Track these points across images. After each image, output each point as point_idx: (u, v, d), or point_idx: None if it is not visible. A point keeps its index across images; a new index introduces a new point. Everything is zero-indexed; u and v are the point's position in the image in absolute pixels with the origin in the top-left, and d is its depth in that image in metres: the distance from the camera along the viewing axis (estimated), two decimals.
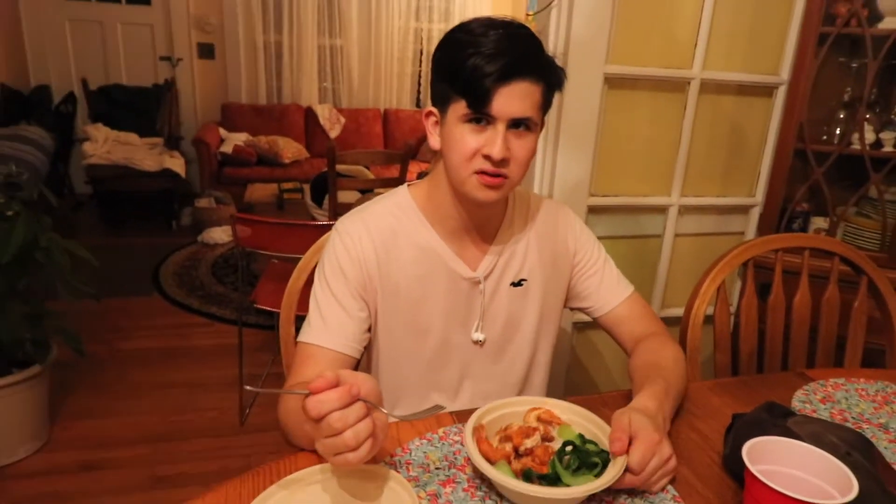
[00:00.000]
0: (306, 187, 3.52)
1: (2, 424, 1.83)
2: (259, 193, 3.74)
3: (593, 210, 1.78)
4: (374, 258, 0.97)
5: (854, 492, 0.58)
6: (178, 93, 4.95)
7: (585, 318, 1.15)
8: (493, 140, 0.86)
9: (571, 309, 1.16)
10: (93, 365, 2.48)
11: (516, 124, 0.87)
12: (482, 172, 0.88)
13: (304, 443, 0.79)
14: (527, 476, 0.71)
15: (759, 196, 1.92)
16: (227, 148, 4.56)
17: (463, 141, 0.88)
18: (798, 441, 0.67)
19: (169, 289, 3.30)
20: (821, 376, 1.08)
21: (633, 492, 0.74)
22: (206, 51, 5.09)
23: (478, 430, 0.76)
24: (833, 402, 0.99)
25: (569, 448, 0.73)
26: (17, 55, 4.60)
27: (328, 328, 0.94)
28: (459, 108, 0.87)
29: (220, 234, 4.11)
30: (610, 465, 0.71)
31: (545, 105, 0.91)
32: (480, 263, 1.02)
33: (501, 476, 0.68)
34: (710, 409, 0.96)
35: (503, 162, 0.87)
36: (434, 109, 0.94)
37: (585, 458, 0.72)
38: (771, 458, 0.65)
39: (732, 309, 1.45)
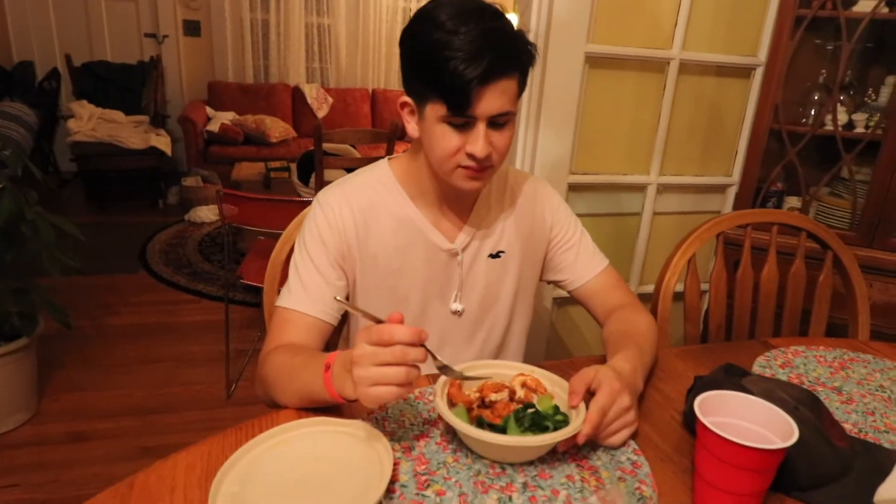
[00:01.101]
0: (293, 166, 3.52)
1: None
2: (246, 172, 3.73)
3: (574, 188, 1.81)
4: (353, 228, 1.00)
5: (794, 437, 0.63)
6: (164, 70, 4.91)
7: (565, 294, 1.19)
8: (476, 140, 0.87)
9: (547, 282, 1.20)
10: (80, 340, 2.50)
11: (496, 120, 0.88)
12: (467, 167, 0.90)
13: (292, 398, 0.82)
14: (479, 423, 0.75)
15: (736, 176, 1.97)
16: (213, 126, 4.54)
17: (445, 139, 0.88)
18: (747, 394, 0.71)
19: (156, 266, 3.31)
20: (783, 344, 1.14)
21: (595, 445, 0.78)
22: (192, 28, 5.04)
23: (457, 382, 0.81)
24: (792, 367, 1.05)
25: (530, 410, 0.77)
26: None
27: (307, 294, 0.97)
28: (439, 108, 0.86)
29: (206, 213, 4.11)
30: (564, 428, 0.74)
31: (521, 90, 0.91)
32: (458, 235, 1.05)
33: (449, 414, 0.72)
34: (674, 373, 1.01)
35: (486, 158, 0.89)
36: (409, 101, 0.93)
37: (539, 420, 0.75)
38: (722, 410, 0.70)
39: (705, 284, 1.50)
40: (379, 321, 0.70)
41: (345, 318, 1.07)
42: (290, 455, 0.73)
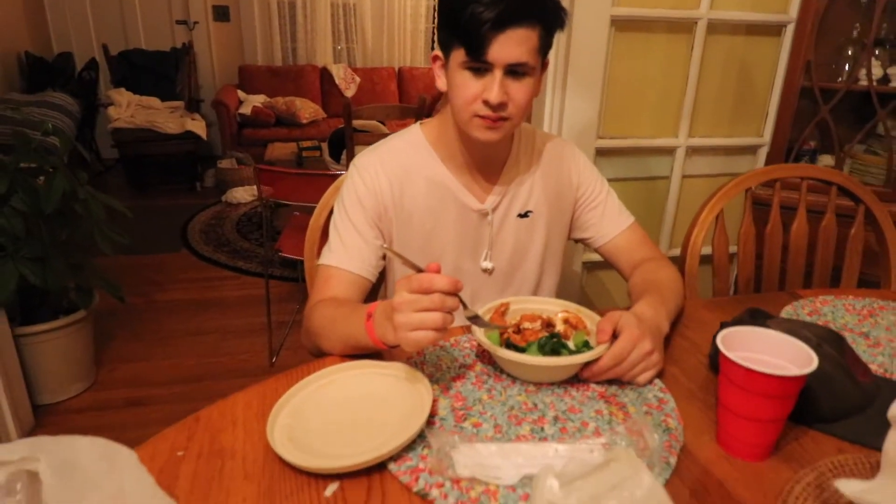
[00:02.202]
0: (324, 145, 3.59)
1: (54, 365, 1.99)
2: (279, 152, 3.82)
3: (601, 152, 1.83)
4: (388, 190, 1.05)
5: (813, 365, 0.66)
6: (196, 56, 5.02)
7: (595, 258, 1.23)
8: (491, 86, 0.91)
9: (575, 240, 1.23)
10: (131, 315, 2.63)
11: (513, 70, 0.91)
12: (483, 116, 0.94)
13: (336, 345, 0.88)
14: (507, 345, 0.83)
15: (767, 136, 1.96)
16: (245, 109, 4.63)
17: (464, 86, 0.93)
18: (769, 330, 0.74)
19: (197, 245, 3.43)
20: (811, 295, 1.15)
21: (623, 384, 0.83)
22: (222, 13, 5.13)
23: (503, 306, 0.90)
24: (819, 315, 1.06)
25: (554, 339, 0.82)
26: (39, 23, 4.69)
27: (347, 252, 1.03)
28: (459, 55, 0.91)
29: (242, 194, 4.22)
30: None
31: (544, 48, 0.94)
32: (488, 196, 1.09)
33: (478, 331, 0.83)
34: (701, 322, 1.04)
35: (501, 106, 0.92)
36: (439, 53, 0.99)
37: (559, 347, 0.82)
38: (745, 346, 0.73)
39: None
40: (419, 270, 0.75)
41: (381, 276, 1.13)
42: (338, 393, 0.79)
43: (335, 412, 0.76)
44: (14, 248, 1.74)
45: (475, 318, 0.82)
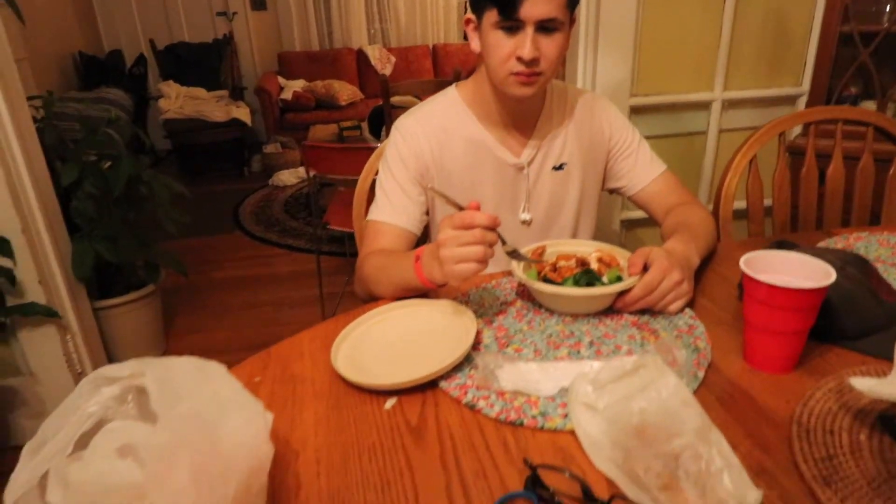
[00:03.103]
0: (363, 124, 3.69)
1: (129, 335, 2.16)
2: (320, 134, 3.94)
3: (635, 110, 1.85)
4: (429, 150, 1.12)
5: (832, 278, 0.70)
6: (237, 45, 5.17)
7: (633, 215, 1.27)
8: (524, 43, 0.96)
9: (609, 191, 1.28)
10: (193, 291, 2.81)
11: (544, 26, 0.96)
12: (517, 72, 1.00)
13: (387, 289, 0.97)
14: (544, 281, 0.90)
15: (806, 85, 1.94)
16: (286, 95, 4.77)
17: (497, 45, 0.99)
18: (790, 251, 0.79)
19: (248, 226, 3.60)
20: (845, 232, 1.17)
21: (654, 313, 0.88)
22: (259, 2, 5.26)
23: (540, 248, 0.97)
24: (851, 250, 1.09)
25: (588, 275, 0.88)
26: (90, 23, 4.92)
27: (394, 208, 1.11)
28: (492, 15, 0.97)
29: (288, 177, 4.37)
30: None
31: (572, 3, 0.99)
32: (523, 151, 1.15)
33: (517, 269, 0.90)
34: (734, 259, 1.07)
35: (534, 62, 0.98)
36: (472, 16, 1.05)
37: (593, 280, 0.87)
38: (767, 268, 0.77)
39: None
40: (461, 208, 0.82)
41: (425, 232, 1.20)
42: (391, 327, 0.88)
43: (389, 342, 0.84)
44: (89, 228, 1.90)
45: (514, 253, 0.89)
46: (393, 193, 1.12)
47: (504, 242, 0.85)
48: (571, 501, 0.57)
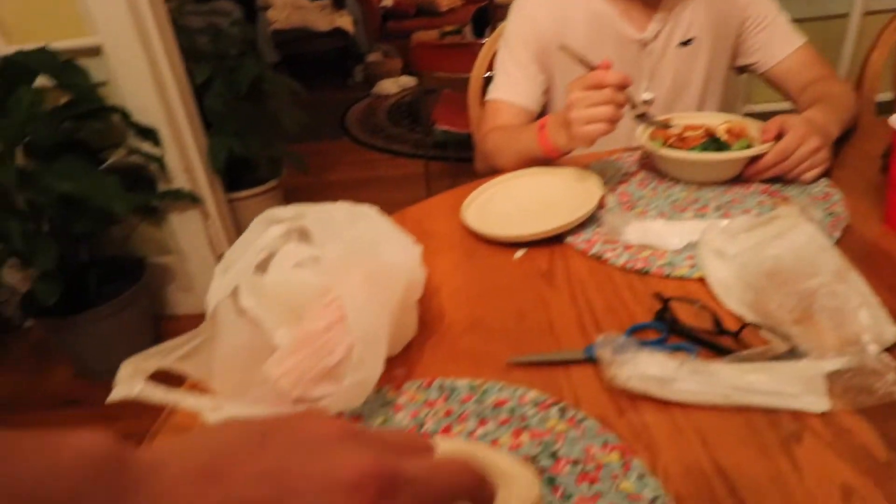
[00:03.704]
0: (465, 29, 3.63)
1: None
2: (423, 39, 3.92)
3: None
4: (549, 27, 1.11)
5: None
6: None
7: (757, 108, 1.20)
8: None
9: (738, 70, 1.21)
10: (307, 190, 2.99)
11: None
12: None
13: (510, 161, 1.00)
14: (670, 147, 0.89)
15: None
16: (387, 2, 4.74)
17: None
18: None
19: (355, 133, 3.72)
20: None
21: (788, 181, 0.86)
22: None
23: (666, 120, 0.95)
24: None
25: (716, 144, 0.87)
26: None
27: (513, 86, 1.12)
28: None
29: (390, 85, 4.42)
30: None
31: None
32: (649, 24, 1.11)
33: (643, 137, 0.91)
34: (877, 136, 1.01)
35: None
36: None
37: (719, 148, 0.86)
38: None
39: None
40: (592, 68, 0.83)
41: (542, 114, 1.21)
42: (518, 190, 0.92)
43: (515, 203, 0.89)
44: (220, 125, 2.05)
45: (643, 117, 0.89)
46: (512, 72, 1.13)
47: (633, 105, 0.85)
48: (702, 333, 0.60)
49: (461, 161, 3.10)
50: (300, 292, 0.57)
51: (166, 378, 0.55)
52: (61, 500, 0.19)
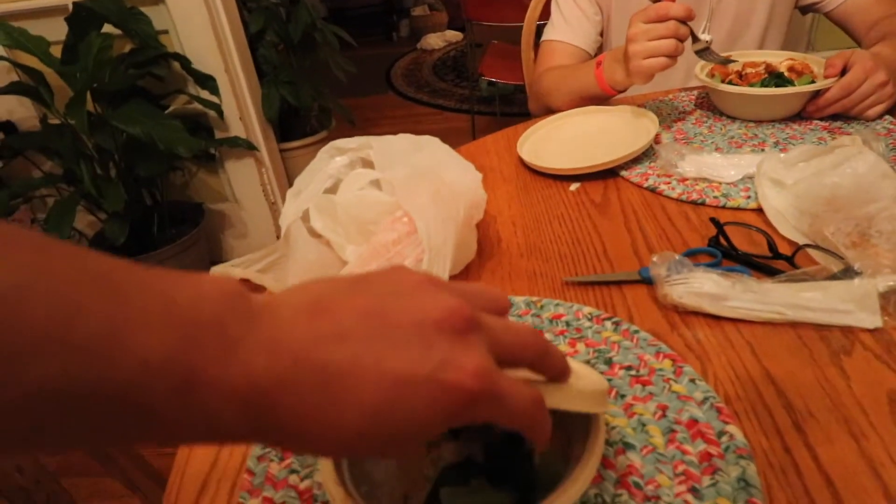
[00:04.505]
0: None
1: None
2: None
3: None
4: None
5: None
6: None
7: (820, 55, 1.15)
8: None
9: (801, 9, 1.18)
10: None
11: None
12: None
13: (565, 100, 1.01)
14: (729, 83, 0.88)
15: None
16: None
17: None
18: None
19: (400, 87, 3.73)
20: None
21: (849, 118, 0.85)
22: None
23: (727, 57, 0.94)
24: None
25: (777, 79, 0.86)
26: None
27: (569, 27, 1.12)
28: None
29: (435, 40, 4.38)
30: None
31: None
32: None
33: (703, 71, 0.92)
34: None
35: None
36: None
37: (783, 83, 0.84)
38: None
39: None
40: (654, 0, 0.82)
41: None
42: (573, 127, 0.94)
43: (571, 139, 0.90)
44: (273, 74, 2.10)
45: (704, 51, 0.88)
46: (568, 12, 1.13)
47: (696, 39, 0.85)
48: (756, 257, 0.62)
49: (507, 116, 3.08)
50: (371, 209, 0.61)
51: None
52: (208, 321, 0.23)
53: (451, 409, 0.24)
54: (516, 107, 3.11)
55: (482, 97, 3.24)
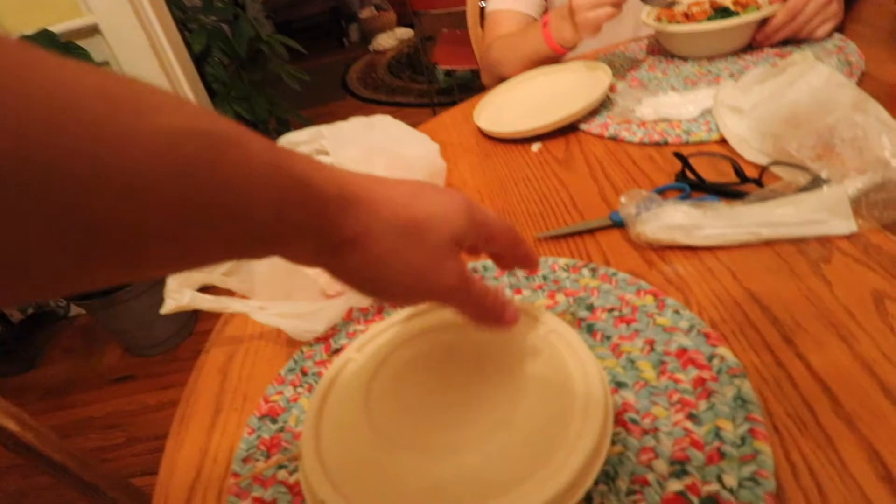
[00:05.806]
0: None
1: None
2: None
3: None
4: None
5: None
6: None
7: None
8: None
9: None
10: None
11: None
12: None
13: (517, 66, 0.99)
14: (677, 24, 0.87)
15: None
16: None
17: None
18: None
19: (357, 91, 3.70)
20: None
21: (798, 41, 0.85)
22: None
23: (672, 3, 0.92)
24: None
25: (724, 13, 0.85)
26: None
27: None
28: None
29: (387, 40, 4.35)
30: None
31: None
32: None
33: (651, 15, 0.89)
34: None
35: None
36: None
37: (728, 16, 0.84)
38: None
39: None
40: None
41: None
42: (527, 90, 0.92)
43: (528, 101, 0.89)
44: (224, 91, 2.06)
45: None
46: None
47: None
48: (724, 185, 0.61)
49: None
50: None
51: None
52: (334, 195, 0.30)
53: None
54: (475, 92, 3.08)
55: (441, 89, 3.22)
